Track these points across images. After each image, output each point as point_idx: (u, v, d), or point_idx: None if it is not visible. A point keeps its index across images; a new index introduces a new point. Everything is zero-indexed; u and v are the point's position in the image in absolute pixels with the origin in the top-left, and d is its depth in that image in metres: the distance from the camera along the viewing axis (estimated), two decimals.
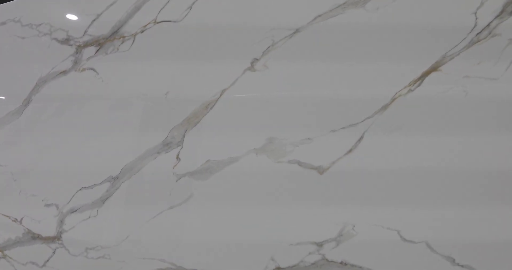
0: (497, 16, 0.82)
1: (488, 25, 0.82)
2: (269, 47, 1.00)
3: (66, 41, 1.29)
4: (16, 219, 1.33)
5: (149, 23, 1.16)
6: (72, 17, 1.29)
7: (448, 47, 0.84)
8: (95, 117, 1.22)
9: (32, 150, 1.33)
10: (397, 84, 0.88)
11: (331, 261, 0.91)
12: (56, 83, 1.30)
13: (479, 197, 0.81)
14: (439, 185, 0.84)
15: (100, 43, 1.23)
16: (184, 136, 1.08)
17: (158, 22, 1.15)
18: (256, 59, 1.01)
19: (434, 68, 0.85)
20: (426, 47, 0.86)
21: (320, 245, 0.91)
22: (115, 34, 1.21)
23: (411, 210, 0.85)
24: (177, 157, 1.08)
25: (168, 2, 1.14)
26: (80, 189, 1.21)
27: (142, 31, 1.17)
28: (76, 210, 1.21)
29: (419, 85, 0.86)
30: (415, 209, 0.85)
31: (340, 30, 0.94)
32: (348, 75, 0.92)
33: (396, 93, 0.88)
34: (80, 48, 1.26)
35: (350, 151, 0.90)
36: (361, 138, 0.90)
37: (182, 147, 1.08)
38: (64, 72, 1.28)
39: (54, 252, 1.24)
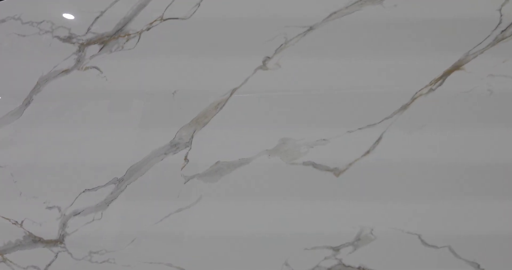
0: None
1: None
2: (281, 45, 0.98)
3: (68, 39, 1.25)
4: (16, 221, 1.29)
5: (155, 20, 1.13)
6: (74, 14, 1.26)
7: (471, 44, 0.82)
8: (99, 116, 1.19)
9: (33, 151, 1.29)
10: (418, 83, 0.85)
11: (348, 266, 0.88)
12: (58, 82, 1.26)
13: (506, 199, 0.78)
14: (462, 188, 0.81)
15: (104, 41, 1.20)
16: (192, 137, 1.05)
17: (165, 19, 1.12)
18: (268, 57, 0.99)
19: (456, 67, 0.82)
20: (448, 45, 0.83)
21: (336, 249, 0.89)
22: (119, 32, 1.18)
23: (432, 213, 0.82)
24: (185, 158, 1.05)
25: None
26: (84, 191, 1.18)
27: (148, 29, 1.14)
28: (79, 213, 1.18)
29: (440, 84, 0.83)
30: (436, 212, 0.82)
31: (356, 28, 0.91)
32: (365, 74, 0.89)
33: (416, 93, 0.85)
34: (83, 46, 1.23)
35: (367, 152, 0.88)
36: (380, 139, 0.87)
37: (190, 148, 1.05)
38: (66, 71, 1.25)
39: (56, 256, 1.21)
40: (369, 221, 0.87)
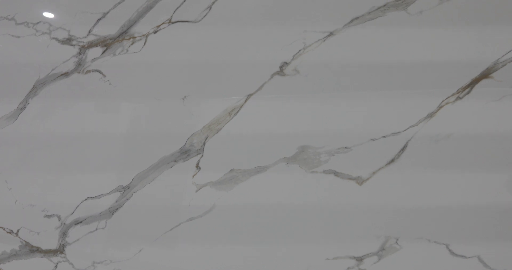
0: None
1: None
2: (300, 50, 0.96)
3: (67, 41, 1.21)
4: (11, 230, 1.24)
5: (163, 23, 1.09)
6: (74, 15, 1.21)
7: (500, 53, 0.81)
8: (102, 121, 1.15)
9: (29, 157, 1.24)
10: (444, 91, 0.84)
11: None
12: (57, 85, 1.21)
13: None
14: (490, 195, 0.80)
15: (107, 44, 1.16)
16: (204, 144, 1.02)
17: (173, 22, 1.09)
18: (286, 63, 0.96)
19: (485, 75, 0.81)
20: (476, 53, 0.83)
21: (360, 259, 0.87)
22: (124, 34, 1.14)
23: (461, 222, 0.81)
24: (197, 165, 1.02)
25: (184, 1, 1.07)
26: (86, 199, 1.14)
27: (155, 32, 1.10)
28: (81, 222, 1.14)
29: (468, 93, 0.82)
30: (465, 221, 0.81)
31: (379, 34, 0.89)
32: (389, 81, 0.88)
33: (443, 101, 0.84)
34: (84, 48, 1.18)
35: (392, 161, 0.87)
36: (405, 147, 0.86)
37: (202, 155, 1.02)
38: (66, 74, 1.20)
39: (56, 266, 1.17)
40: (394, 230, 0.86)
